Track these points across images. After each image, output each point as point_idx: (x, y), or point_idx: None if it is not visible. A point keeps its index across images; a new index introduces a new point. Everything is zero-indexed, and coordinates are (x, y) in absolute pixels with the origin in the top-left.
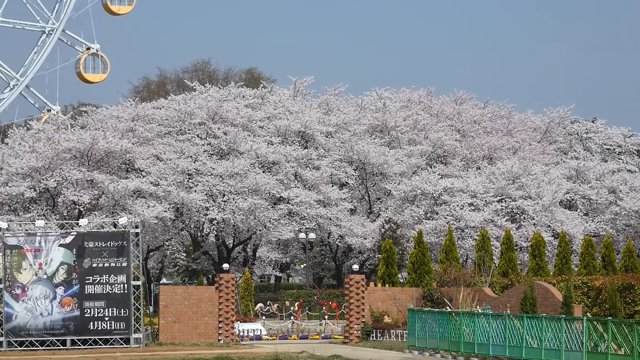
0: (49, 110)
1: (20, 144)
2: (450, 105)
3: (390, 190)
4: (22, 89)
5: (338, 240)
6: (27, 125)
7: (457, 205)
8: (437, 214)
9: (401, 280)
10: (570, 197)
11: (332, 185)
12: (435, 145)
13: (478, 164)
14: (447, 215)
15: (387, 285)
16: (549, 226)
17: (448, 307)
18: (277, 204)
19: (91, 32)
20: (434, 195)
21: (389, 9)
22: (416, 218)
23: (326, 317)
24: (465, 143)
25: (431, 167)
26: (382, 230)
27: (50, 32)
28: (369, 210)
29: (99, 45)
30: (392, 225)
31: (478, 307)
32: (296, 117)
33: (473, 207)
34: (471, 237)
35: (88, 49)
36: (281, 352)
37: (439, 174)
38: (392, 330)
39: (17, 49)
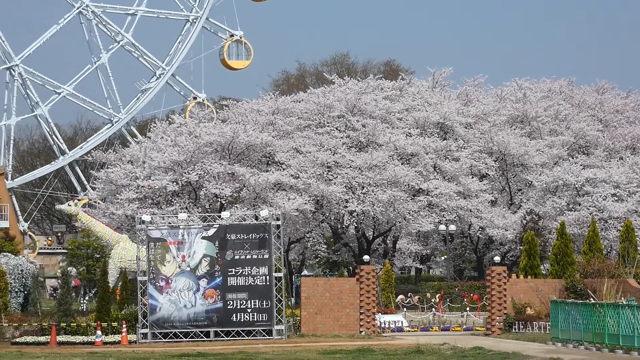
0: (194, 98)
1: (163, 137)
2: (591, 95)
3: (532, 181)
4: (168, 78)
5: (479, 232)
6: (169, 119)
7: (600, 196)
8: (579, 205)
9: (543, 272)
10: None
11: (472, 177)
12: (577, 136)
13: (621, 154)
14: (589, 206)
15: (529, 276)
16: None
17: (592, 299)
18: (417, 195)
19: (234, 19)
20: (576, 186)
21: (520, 4)
22: (558, 209)
23: (467, 308)
24: (608, 133)
25: (573, 158)
26: (524, 221)
27: (194, 20)
28: (509, 202)
29: (242, 32)
30: (534, 216)
31: (622, 298)
32: (435, 109)
33: (616, 198)
34: (615, 228)
35: (232, 35)
36: (423, 344)
37: (581, 165)
38: (534, 322)
39: (162, 38)
